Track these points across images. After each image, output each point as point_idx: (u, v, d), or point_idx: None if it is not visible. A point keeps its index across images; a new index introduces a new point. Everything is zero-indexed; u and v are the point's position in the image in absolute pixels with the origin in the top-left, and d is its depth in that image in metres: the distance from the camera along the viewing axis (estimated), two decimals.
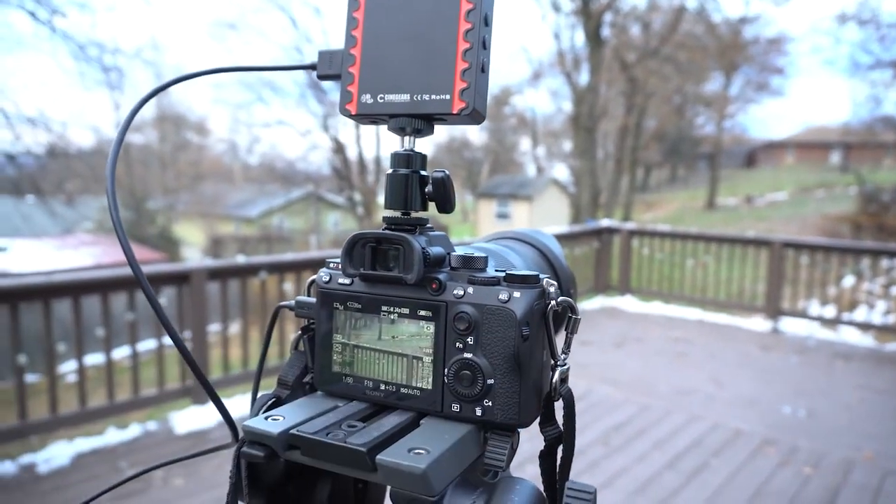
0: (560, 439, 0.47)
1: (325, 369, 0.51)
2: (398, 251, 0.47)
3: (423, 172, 0.50)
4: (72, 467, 3.13)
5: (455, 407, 0.46)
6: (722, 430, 3.70)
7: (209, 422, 3.65)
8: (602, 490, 2.94)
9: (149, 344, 4.23)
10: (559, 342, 0.48)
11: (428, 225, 0.50)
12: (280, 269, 4.40)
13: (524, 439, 0.48)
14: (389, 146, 0.53)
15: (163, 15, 45.45)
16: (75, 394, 3.48)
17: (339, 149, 20.49)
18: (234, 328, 4.86)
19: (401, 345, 0.48)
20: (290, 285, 4.40)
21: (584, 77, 17.85)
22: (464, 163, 34.80)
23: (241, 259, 4.47)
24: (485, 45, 0.46)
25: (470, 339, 0.45)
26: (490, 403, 0.45)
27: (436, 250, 0.47)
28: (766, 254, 6.51)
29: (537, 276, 0.46)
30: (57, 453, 3.21)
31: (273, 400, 0.52)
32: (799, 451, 3.43)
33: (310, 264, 4.47)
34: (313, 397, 0.52)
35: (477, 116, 0.47)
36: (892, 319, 6.15)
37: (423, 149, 0.50)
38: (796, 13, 56.48)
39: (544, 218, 24.36)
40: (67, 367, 4.89)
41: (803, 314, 6.28)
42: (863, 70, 20.14)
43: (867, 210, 16.41)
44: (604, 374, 4.69)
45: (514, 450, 0.46)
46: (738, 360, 5.20)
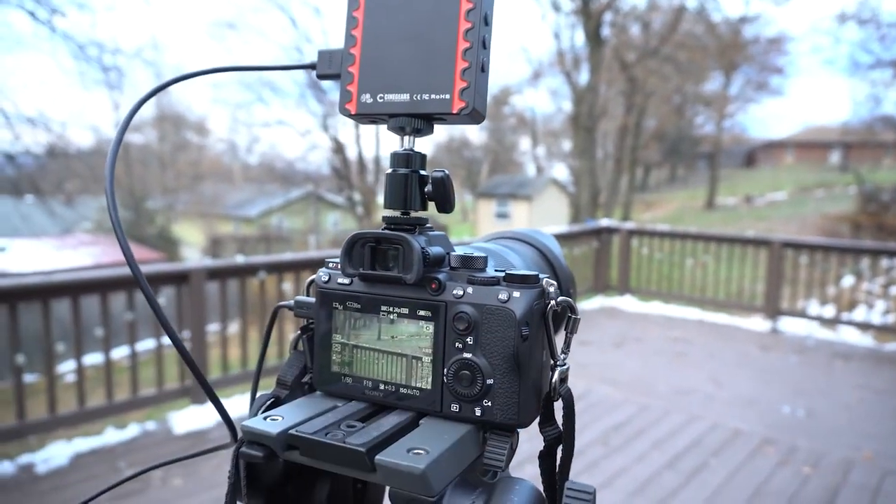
0: (559, 439, 0.47)
1: (325, 369, 0.51)
2: (398, 251, 0.47)
3: (422, 172, 0.50)
4: (70, 467, 3.13)
5: (454, 407, 0.46)
6: (721, 429, 3.71)
7: (208, 422, 3.64)
8: (601, 490, 2.94)
9: (148, 344, 4.22)
10: (559, 342, 0.48)
11: (427, 225, 0.50)
12: (279, 269, 4.39)
13: (523, 439, 0.48)
14: (389, 146, 0.52)
15: (162, 15, 45.48)
16: (74, 394, 3.48)
17: (338, 149, 20.48)
18: (233, 328, 4.86)
19: (400, 345, 0.48)
20: (289, 285, 4.40)
21: (583, 77, 17.87)
22: (463, 162, 34.80)
23: (240, 259, 4.47)
24: (485, 45, 0.46)
25: (469, 339, 0.45)
26: (489, 403, 0.45)
27: (435, 250, 0.47)
28: (766, 253, 6.51)
29: (537, 275, 0.46)
30: (55, 453, 3.21)
31: (272, 400, 0.52)
32: (798, 451, 3.43)
33: (309, 264, 4.47)
34: (312, 397, 0.52)
35: (477, 116, 0.47)
36: (891, 319, 6.16)
37: (423, 148, 0.50)
38: (796, 13, 56.56)
39: (544, 218, 24.36)
40: (66, 367, 4.88)
41: (802, 314, 6.29)
42: (863, 69, 20.20)
43: (867, 210, 16.43)
44: (603, 374, 4.69)
45: (513, 450, 0.46)
46: (737, 359, 5.20)
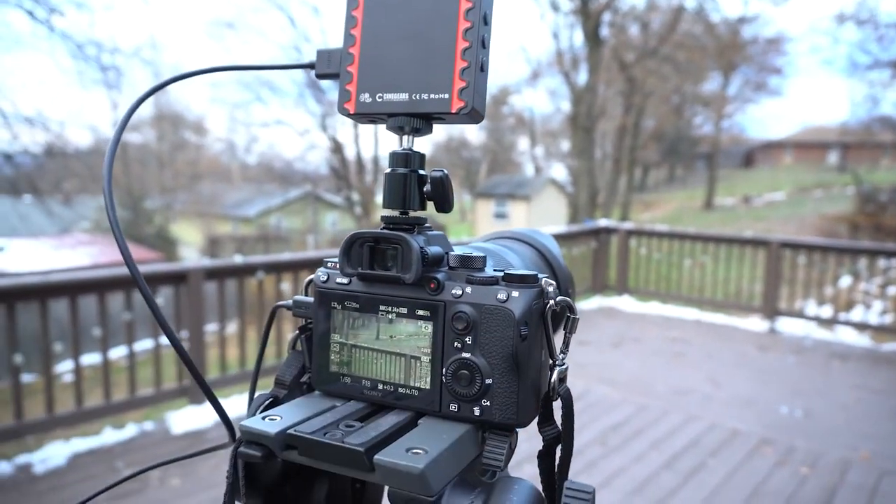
0: (558, 439, 0.47)
1: (323, 369, 0.51)
2: (396, 250, 0.47)
3: (421, 172, 0.49)
4: (68, 467, 3.12)
5: (453, 407, 0.46)
6: (719, 429, 3.71)
7: (206, 422, 3.64)
8: (600, 490, 2.94)
9: (146, 344, 4.22)
10: (557, 342, 0.48)
11: (426, 224, 0.50)
12: (277, 268, 4.39)
13: (521, 439, 0.48)
14: (387, 146, 0.52)
15: (161, 14, 45.39)
16: (72, 394, 3.47)
17: (337, 148, 20.46)
18: (232, 328, 4.85)
19: (399, 344, 0.48)
20: (287, 285, 4.40)
21: (582, 77, 17.87)
22: (462, 162, 34.82)
23: (238, 259, 4.46)
24: (484, 44, 0.46)
25: (468, 339, 0.45)
26: (488, 403, 0.45)
27: (434, 250, 0.47)
28: (764, 254, 6.51)
29: (536, 275, 0.46)
30: (53, 453, 3.21)
31: (270, 400, 0.51)
32: (796, 451, 3.43)
33: (307, 264, 4.46)
34: (311, 397, 0.51)
35: (476, 115, 0.47)
36: (888, 319, 6.17)
37: (422, 148, 0.50)
38: (795, 13, 56.63)
39: (542, 218, 24.38)
40: (64, 367, 4.88)
41: (800, 314, 6.30)
42: (861, 70, 20.18)
43: (864, 210, 16.46)
44: (601, 374, 4.69)
45: (512, 449, 0.46)
46: (735, 360, 5.21)
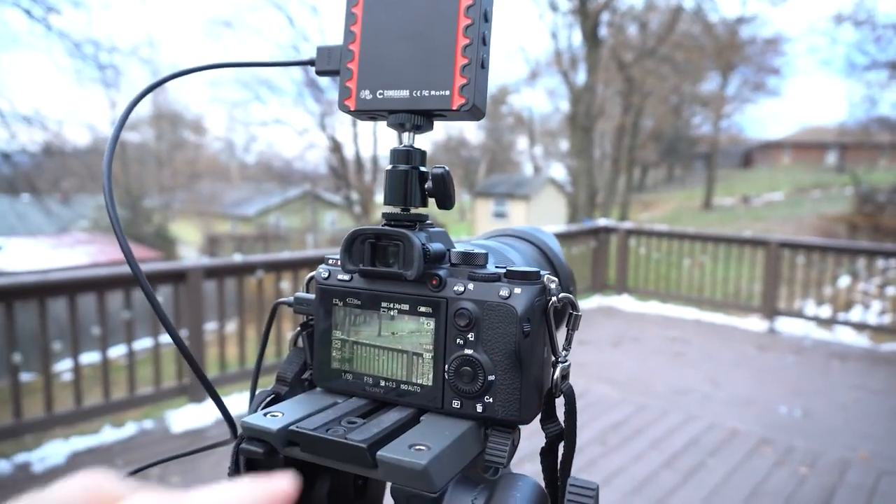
0: (561, 436, 0.47)
1: (325, 366, 0.51)
2: (398, 247, 0.47)
3: (422, 169, 0.49)
4: (67, 466, 3.11)
5: (456, 403, 0.46)
6: (718, 429, 3.71)
7: (206, 420, 3.64)
8: (599, 489, 2.94)
9: (145, 342, 4.21)
10: (560, 339, 0.48)
11: (428, 221, 0.50)
12: (277, 267, 4.39)
13: (521, 437, 0.48)
14: (386, 145, 0.52)
15: (159, 13, 45.34)
16: (71, 392, 3.47)
17: (336, 148, 20.44)
18: (231, 327, 4.85)
19: (401, 341, 0.48)
20: (286, 284, 4.39)
21: (581, 76, 17.87)
22: (461, 162, 34.79)
23: (237, 258, 4.46)
24: (484, 41, 0.46)
25: (470, 336, 0.45)
26: (491, 400, 0.45)
27: (436, 246, 0.47)
28: (763, 254, 6.52)
29: (538, 272, 0.46)
30: (52, 452, 3.20)
31: (272, 396, 0.51)
32: (795, 451, 3.43)
33: (306, 263, 4.46)
34: (312, 394, 0.51)
35: (477, 112, 0.47)
36: (887, 320, 6.17)
37: (422, 146, 0.50)
38: (793, 13, 56.68)
39: (541, 217, 24.37)
40: (63, 366, 4.87)
41: (799, 314, 6.30)
42: (859, 71, 20.21)
43: (863, 210, 16.47)
44: (601, 373, 4.69)
45: (514, 446, 0.46)
46: (734, 359, 5.21)
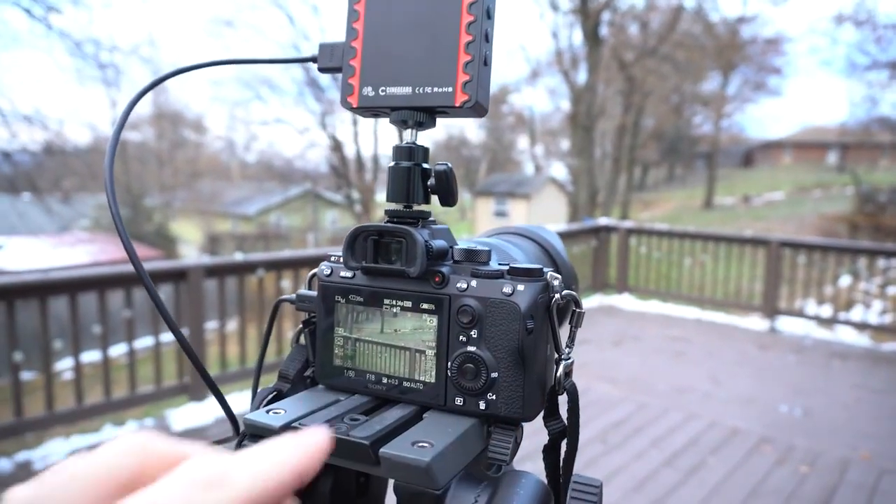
0: (564, 433, 0.47)
1: (327, 363, 0.51)
2: (401, 244, 0.47)
3: (425, 165, 0.49)
4: None
5: (458, 400, 0.46)
6: (719, 428, 3.71)
7: (206, 418, 3.64)
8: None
9: (146, 341, 4.21)
10: (563, 336, 0.47)
11: (430, 218, 0.49)
12: (277, 266, 4.39)
13: (523, 435, 0.48)
14: (387, 144, 0.52)
15: (159, 12, 45.35)
16: (72, 391, 3.47)
17: (336, 146, 20.43)
18: (232, 326, 4.85)
19: (403, 338, 0.47)
20: (287, 282, 4.39)
21: (582, 76, 17.87)
22: (462, 161, 34.77)
23: (238, 256, 4.46)
24: (487, 38, 0.46)
25: (473, 333, 0.45)
26: (494, 397, 0.45)
27: (438, 243, 0.47)
28: (764, 253, 6.51)
29: (541, 269, 0.46)
30: (53, 450, 3.21)
31: (274, 393, 0.51)
32: (795, 450, 3.43)
33: (307, 262, 4.46)
34: (315, 391, 0.51)
35: (479, 109, 0.47)
36: (888, 319, 6.17)
37: (425, 143, 0.50)
38: (794, 13, 56.60)
39: (542, 216, 24.35)
40: (64, 365, 4.87)
41: (800, 313, 6.30)
42: (859, 71, 20.18)
43: (864, 210, 16.48)
44: (602, 372, 4.69)
45: (518, 444, 0.46)
46: (735, 358, 5.21)
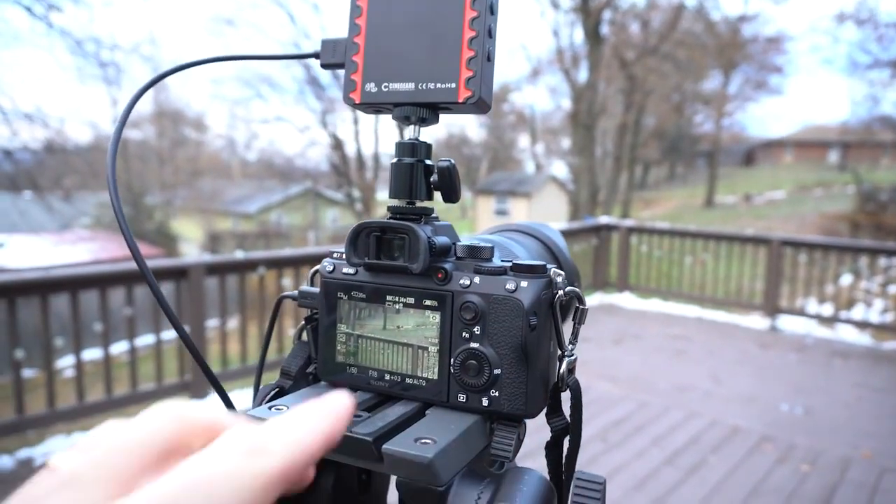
0: (567, 430, 0.47)
1: (329, 359, 0.50)
2: (403, 240, 0.47)
3: (428, 162, 0.49)
4: None
5: (461, 397, 0.46)
6: (720, 426, 3.71)
7: None
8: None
9: (147, 339, 4.22)
10: (566, 332, 0.47)
11: (433, 214, 0.49)
12: (278, 264, 4.39)
13: (526, 432, 0.48)
14: (388, 142, 0.52)
15: (160, 10, 45.34)
16: (73, 388, 3.47)
17: (337, 145, 20.45)
18: (233, 323, 4.85)
19: (406, 335, 0.47)
20: (288, 280, 4.39)
21: (583, 74, 17.87)
22: (462, 159, 34.76)
23: (239, 255, 4.47)
24: (490, 34, 0.46)
25: (476, 329, 0.45)
26: (497, 394, 0.45)
27: (441, 240, 0.47)
28: (765, 252, 6.51)
29: (544, 265, 0.45)
30: (55, 448, 3.21)
31: (276, 390, 0.51)
32: (796, 449, 3.43)
33: (308, 260, 4.47)
34: (317, 387, 0.51)
35: (483, 105, 0.46)
36: (889, 318, 6.16)
37: (427, 139, 0.50)
38: (795, 12, 56.50)
39: (543, 215, 24.35)
40: (65, 362, 4.88)
41: (801, 312, 6.30)
42: (861, 69, 20.16)
43: (865, 209, 16.46)
44: (602, 370, 4.70)
45: (520, 440, 0.46)
46: (736, 357, 5.21)
